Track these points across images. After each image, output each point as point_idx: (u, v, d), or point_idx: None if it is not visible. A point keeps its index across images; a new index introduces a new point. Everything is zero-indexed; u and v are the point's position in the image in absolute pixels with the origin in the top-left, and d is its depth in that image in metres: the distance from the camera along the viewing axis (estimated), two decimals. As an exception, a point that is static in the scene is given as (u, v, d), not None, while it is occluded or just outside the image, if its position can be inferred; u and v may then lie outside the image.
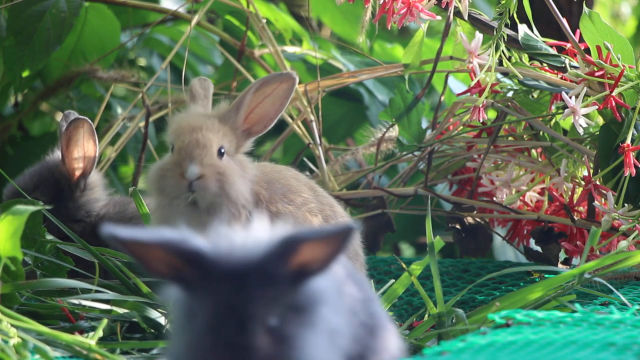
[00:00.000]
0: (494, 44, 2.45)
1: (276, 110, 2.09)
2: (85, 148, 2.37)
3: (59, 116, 3.78)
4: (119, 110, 3.37)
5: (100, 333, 1.76)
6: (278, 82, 2.07)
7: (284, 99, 2.08)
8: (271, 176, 2.13)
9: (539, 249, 2.58)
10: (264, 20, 2.92)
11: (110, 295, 1.97)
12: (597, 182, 2.42)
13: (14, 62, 2.85)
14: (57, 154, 2.42)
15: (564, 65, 2.49)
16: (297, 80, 2.09)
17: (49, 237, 2.14)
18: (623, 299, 2.05)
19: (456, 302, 2.05)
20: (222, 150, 2.04)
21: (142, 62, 3.82)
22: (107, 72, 2.98)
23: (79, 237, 2.21)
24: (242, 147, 2.10)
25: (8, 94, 3.31)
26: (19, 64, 2.85)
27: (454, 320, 1.98)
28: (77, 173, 2.39)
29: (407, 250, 4.03)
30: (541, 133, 2.60)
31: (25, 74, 2.89)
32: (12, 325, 1.68)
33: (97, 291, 1.99)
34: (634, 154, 2.34)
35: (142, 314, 1.95)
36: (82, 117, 2.36)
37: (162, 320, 1.95)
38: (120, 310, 1.96)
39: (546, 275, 2.39)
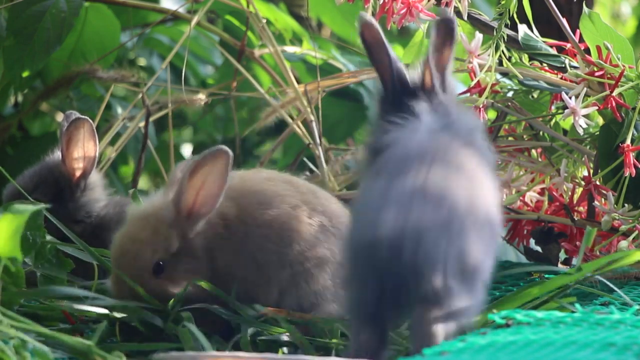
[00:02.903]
0: (494, 44, 2.45)
1: (219, 187, 1.99)
2: (85, 148, 2.37)
3: (59, 116, 3.79)
4: (119, 110, 3.37)
5: (99, 335, 1.76)
6: (212, 160, 1.97)
7: (224, 173, 1.97)
8: (238, 189, 2.08)
9: (539, 249, 2.57)
10: (264, 20, 2.92)
11: (109, 300, 1.96)
12: (597, 182, 2.42)
13: (14, 62, 2.85)
14: (57, 154, 2.42)
15: (564, 66, 2.49)
16: (231, 154, 1.97)
17: (49, 238, 2.14)
18: (626, 298, 2.05)
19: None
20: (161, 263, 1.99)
21: (142, 62, 3.82)
22: (107, 72, 2.98)
23: (79, 238, 2.21)
24: (190, 232, 2.01)
25: (8, 94, 3.31)
26: (19, 64, 2.85)
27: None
28: (78, 173, 2.39)
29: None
30: (541, 133, 2.60)
31: (25, 74, 2.89)
32: (12, 326, 1.68)
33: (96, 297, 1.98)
34: (633, 154, 2.34)
35: (141, 317, 1.94)
36: (83, 117, 2.35)
37: (160, 323, 1.95)
38: (119, 316, 1.96)
39: (546, 275, 2.39)
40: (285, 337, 1.95)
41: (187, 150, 4.33)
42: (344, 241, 1.89)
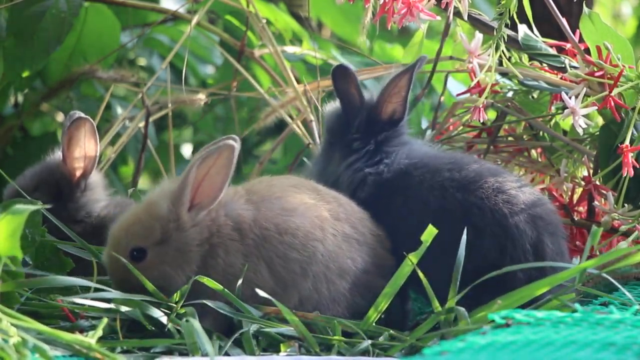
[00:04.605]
0: (494, 44, 2.45)
1: (222, 181, 2.02)
2: (86, 148, 2.36)
3: (59, 116, 3.79)
4: (119, 110, 3.38)
5: (100, 332, 1.76)
6: (217, 153, 2.01)
7: (228, 167, 2.01)
8: (262, 194, 2.10)
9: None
10: (264, 20, 2.92)
11: (112, 293, 1.97)
12: (597, 182, 2.42)
13: (14, 62, 2.85)
14: (58, 154, 2.41)
15: (563, 66, 2.49)
16: (238, 146, 2.02)
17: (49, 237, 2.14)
18: (629, 295, 2.04)
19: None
20: (143, 250, 2.03)
21: (142, 62, 3.82)
22: (107, 72, 2.99)
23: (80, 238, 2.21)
24: (189, 224, 2.04)
25: (8, 94, 3.31)
26: (19, 64, 2.85)
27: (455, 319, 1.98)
28: (78, 173, 2.38)
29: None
30: (541, 133, 2.60)
31: (25, 74, 2.89)
32: (12, 324, 1.68)
33: (97, 289, 1.99)
34: (632, 154, 2.33)
35: (144, 311, 1.94)
36: (84, 116, 2.34)
37: (163, 318, 1.95)
38: (122, 309, 1.96)
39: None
40: (288, 332, 1.95)
41: (187, 150, 4.33)
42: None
